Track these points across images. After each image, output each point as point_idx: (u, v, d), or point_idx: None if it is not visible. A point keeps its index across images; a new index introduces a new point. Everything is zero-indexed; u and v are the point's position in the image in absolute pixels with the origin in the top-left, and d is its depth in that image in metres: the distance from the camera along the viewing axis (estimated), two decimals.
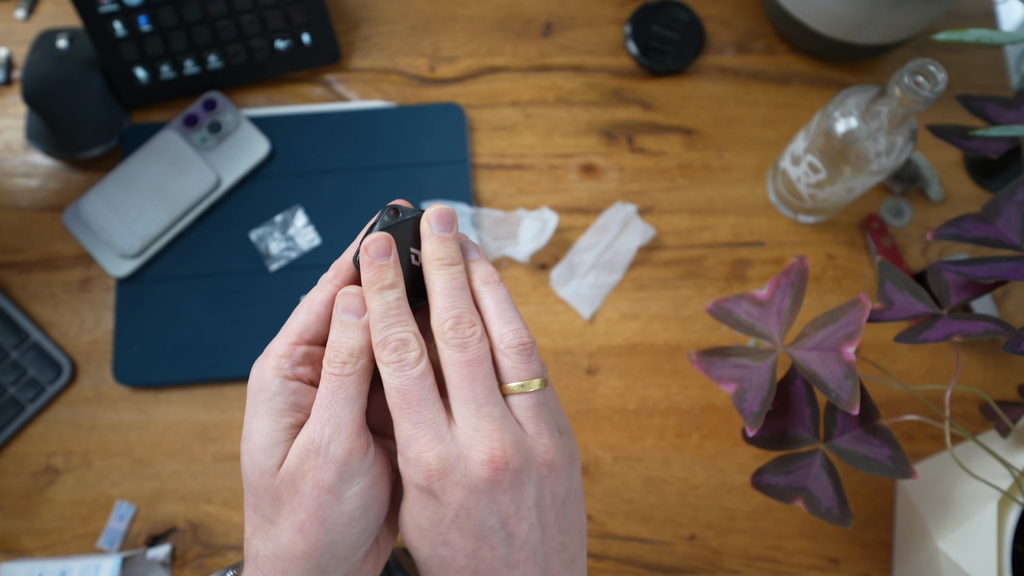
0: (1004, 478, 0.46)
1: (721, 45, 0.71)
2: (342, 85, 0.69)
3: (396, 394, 0.30)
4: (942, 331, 0.45)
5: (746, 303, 0.48)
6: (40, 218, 0.65)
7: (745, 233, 0.66)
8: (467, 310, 0.31)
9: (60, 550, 0.57)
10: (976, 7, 0.73)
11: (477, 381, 0.30)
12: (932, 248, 0.66)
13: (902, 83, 0.47)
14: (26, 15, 0.69)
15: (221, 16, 0.63)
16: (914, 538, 0.54)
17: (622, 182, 0.67)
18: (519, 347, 0.31)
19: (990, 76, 0.71)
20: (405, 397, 0.30)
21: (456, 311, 0.31)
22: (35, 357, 0.60)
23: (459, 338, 0.30)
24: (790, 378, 0.48)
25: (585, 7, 0.71)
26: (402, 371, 0.30)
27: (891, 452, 0.44)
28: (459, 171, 0.65)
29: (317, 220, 0.64)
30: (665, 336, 0.63)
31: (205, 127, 0.65)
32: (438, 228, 0.32)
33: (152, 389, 0.61)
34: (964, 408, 0.62)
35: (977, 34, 0.48)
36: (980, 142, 0.51)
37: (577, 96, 0.69)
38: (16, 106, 0.67)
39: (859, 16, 0.61)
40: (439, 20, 0.71)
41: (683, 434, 0.61)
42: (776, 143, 0.68)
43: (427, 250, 0.32)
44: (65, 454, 0.60)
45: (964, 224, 0.47)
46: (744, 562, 0.58)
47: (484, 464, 0.29)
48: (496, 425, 0.30)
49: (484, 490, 0.29)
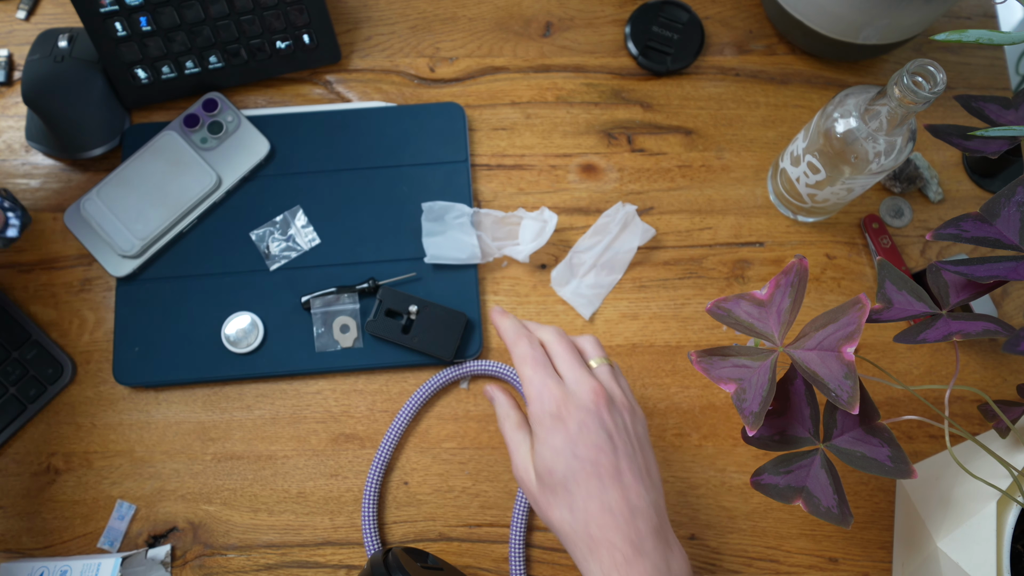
0: (1003, 478, 0.46)
1: (721, 45, 0.71)
2: (342, 85, 0.69)
3: (525, 361, 0.46)
4: (941, 331, 0.45)
5: (746, 303, 0.48)
6: (40, 218, 0.65)
7: (745, 233, 0.66)
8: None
9: (60, 550, 0.58)
10: (976, 7, 0.73)
11: (572, 353, 0.46)
12: (931, 248, 0.66)
13: (901, 83, 0.47)
14: (26, 15, 0.70)
15: (222, 16, 0.63)
16: (913, 538, 0.54)
17: (622, 182, 0.67)
18: (594, 340, 0.49)
19: (989, 76, 0.71)
20: (533, 362, 0.45)
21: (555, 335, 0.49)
22: (36, 357, 0.60)
23: (557, 334, 0.48)
24: (790, 378, 0.48)
25: (585, 7, 0.71)
26: (531, 347, 0.46)
27: (891, 452, 0.44)
28: (459, 171, 0.65)
29: (317, 220, 0.64)
30: (665, 336, 0.63)
31: (205, 127, 0.65)
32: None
33: (152, 389, 0.61)
34: (963, 408, 0.62)
35: (977, 35, 0.48)
36: (979, 142, 0.51)
37: (577, 96, 0.69)
38: (16, 106, 0.67)
39: (859, 16, 0.61)
40: (439, 20, 0.71)
41: (683, 434, 0.61)
42: (776, 143, 0.68)
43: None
44: (65, 454, 0.60)
45: (963, 224, 0.47)
46: (744, 562, 0.58)
47: (590, 392, 0.44)
48: (590, 374, 0.45)
49: (594, 411, 0.43)
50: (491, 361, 0.61)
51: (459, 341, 0.60)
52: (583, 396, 0.44)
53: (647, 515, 0.42)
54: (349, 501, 0.59)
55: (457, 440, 0.60)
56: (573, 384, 0.45)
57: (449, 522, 0.59)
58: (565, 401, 0.44)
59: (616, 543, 0.41)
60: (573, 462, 0.42)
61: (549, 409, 0.44)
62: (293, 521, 0.58)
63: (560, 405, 0.44)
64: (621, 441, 0.44)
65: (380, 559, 0.49)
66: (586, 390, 0.44)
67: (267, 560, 0.57)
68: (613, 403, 0.45)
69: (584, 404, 0.44)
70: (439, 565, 0.53)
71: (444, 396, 0.61)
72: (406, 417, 0.60)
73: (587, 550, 0.42)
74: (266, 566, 0.57)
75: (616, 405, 0.45)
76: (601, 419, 0.43)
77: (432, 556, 0.54)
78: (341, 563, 0.58)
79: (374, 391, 0.61)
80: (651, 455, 0.45)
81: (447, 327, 0.60)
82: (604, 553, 0.41)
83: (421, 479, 0.59)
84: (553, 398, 0.44)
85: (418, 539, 0.58)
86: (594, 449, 0.43)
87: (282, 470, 0.59)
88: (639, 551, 0.41)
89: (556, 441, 0.43)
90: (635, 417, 0.46)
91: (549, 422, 0.43)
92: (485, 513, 0.59)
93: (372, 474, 0.58)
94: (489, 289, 0.63)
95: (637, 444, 0.44)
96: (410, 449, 0.60)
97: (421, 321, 0.60)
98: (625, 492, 0.42)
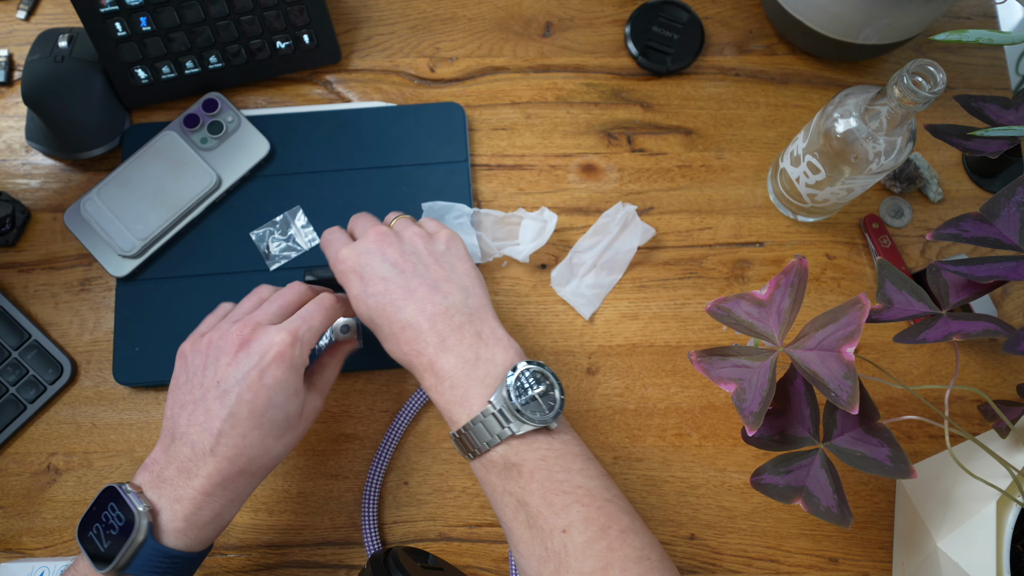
0: (1003, 478, 0.46)
1: (721, 45, 0.71)
2: (342, 85, 0.69)
3: (326, 241, 0.53)
4: (941, 331, 0.45)
5: (746, 303, 0.48)
6: (40, 218, 0.65)
7: (745, 233, 0.66)
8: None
9: (61, 550, 0.58)
10: (976, 7, 0.73)
11: (365, 218, 0.54)
12: (931, 248, 0.66)
13: (901, 83, 0.47)
14: (26, 15, 0.70)
15: (221, 16, 0.63)
16: (913, 538, 0.54)
17: (622, 182, 0.67)
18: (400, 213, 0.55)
19: (989, 76, 0.71)
20: (329, 237, 0.53)
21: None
22: (36, 357, 0.60)
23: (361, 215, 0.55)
24: (790, 378, 0.49)
25: (585, 7, 0.71)
26: (333, 231, 0.54)
27: (890, 452, 0.44)
28: (459, 171, 0.65)
29: (317, 220, 0.64)
30: (665, 336, 0.63)
31: (205, 127, 0.65)
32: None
33: (152, 389, 0.61)
34: (963, 408, 0.62)
35: (977, 35, 0.48)
36: (979, 142, 0.51)
37: (577, 96, 0.69)
38: (16, 106, 0.67)
39: (859, 16, 0.61)
40: (439, 20, 0.71)
41: (683, 434, 0.61)
42: (776, 143, 0.68)
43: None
44: (66, 454, 0.60)
45: (963, 224, 0.47)
46: (744, 562, 0.58)
47: (372, 238, 0.50)
48: (374, 226, 0.52)
49: (375, 250, 0.49)
50: None
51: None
52: (366, 243, 0.50)
53: (447, 317, 0.47)
54: (349, 501, 0.59)
55: None
56: (361, 239, 0.51)
57: (449, 522, 0.59)
58: (352, 254, 0.50)
59: (426, 346, 0.47)
60: (370, 300, 0.48)
61: (342, 268, 0.50)
62: (293, 521, 0.58)
63: (348, 259, 0.50)
64: (409, 264, 0.49)
65: (380, 559, 0.49)
66: (369, 238, 0.50)
67: (267, 560, 0.57)
68: (399, 237, 0.50)
69: (367, 249, 0.49)
70: (439, 565, 0.53)
71: None
72: (406, 417, 0.60)
73: (410, 366, 0.48)
74: (266, 566, 0.57)
75: (404, 237, 0.50)
76: (384, 254, 0.49)
77: (432, 556, 0.54)
78: (341, 563, 0.58)
79: (374, 391, 0.61)
80: (456, 265, 0.50)
81: None
82: (415, 359, 0.47)
83: (421, 479, 0.59)
84: (342, 258, 0.50)
85: (418, 539, 0.58)
86: (382, 282, 0.48)
87: (282, 470, 0.59)
88: (442, 348, 0.46)
89: (354, 290, 0.49)
90: (433, 240, 0.51)
91: (345, 278, 0.50)
92: (485, 513, 0.59)
93: (372, 474, 0.58)
94: (489, 289, 0.63)
95: (432, 260, 0.49)
96: (410, 449, 0.60)
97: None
98: (420, 304, 0.47)
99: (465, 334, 0.47)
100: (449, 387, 0.46)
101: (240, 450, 0.45)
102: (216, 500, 0.45)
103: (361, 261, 0.49)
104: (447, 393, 0.46)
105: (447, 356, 0.46)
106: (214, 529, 0.46)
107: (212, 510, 0.45)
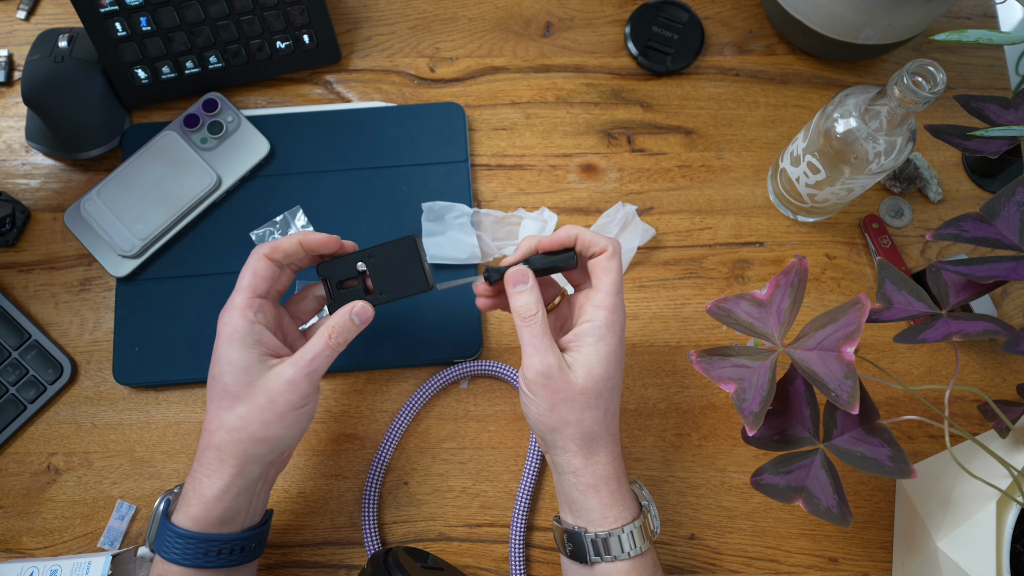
0: (1003, 478, 0.46)
1: (721, 45, 0.71)
2: (342, 85, 0.69)
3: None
4: (941, 331, 0.45)
5: (746, 303, 0.48)
6: (40, 218, 0.65)
7: (745, 233, 0.66)
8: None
9: (61, 550, 0.58)
10: (976, 7, 0.73)
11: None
12: (931, 248, 0.66)
13: (901, 83, 0.47)
14: (26, 15, 0.70)
15: (221, 16, 0.63)
16: (913, 538, 0.54)
17: (622, 182, 0.67)
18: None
19: (989, 76, 0.71)
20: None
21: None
22: (36, 357, 0.60)
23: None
24: (790, 378, 0.49)
25: (585, 7, 0.71)
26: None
27: (890, 452, 0.44)
28: (459, 171, 0.65)
29: (317, 220, 0.64)
30: (665, 336, 0.63)
31: (205, 127, 0.65)
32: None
33: (152, 389, 0.61)
34: (963, 408, 0.62)
35: (977, 35, 0.48)
36: (979, 142, 0.51)
37: (577, 96, 0.69)
38: (16, 106, 0.67)
39: (859, 16, 0.61)
40: (439, 20, 0.71)
41: (683, 434, 0.61)
42: (776, 143, 0.68)
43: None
44: (66, 454, 0.60)
45: (963, 224, 0.47)
46: (744, 562, 0.58)
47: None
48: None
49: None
50: (491, 361, 0.61)
51: (423, 264, 0.52)
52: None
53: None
54: (349, 501, 0.59)
55: (457, 440, 0.60)
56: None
57: (449, 522, 0.59)
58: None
59: (611, 435, 0.49)
60: (617, 370, 0.48)
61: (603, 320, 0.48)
62: (293, 521, 0.58)
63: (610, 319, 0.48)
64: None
65: (380, 559, 0.49)
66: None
67: (267, 560, 0.57)
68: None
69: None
70: (439, 565, 0.53)
71: (444, 396, 0.61)
72: (406, 417, 0.60)
73: (597, 444, 0.48)
74: (266, 566, 0.57)
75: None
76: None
77: (432, 556, 0.54)
78: (341, 563, 0.58)
79: (374, 391, 0.61)
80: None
81: (403, 259, 0.52)
82: (606, 443, 0.48)
83: (421, 479, 0.59)
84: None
85: (418, 539, 0.58)
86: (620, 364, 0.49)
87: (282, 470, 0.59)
88: (616, 439, 0.49)
89: (607, 349, 0.47)
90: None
91: (602, 331, 0.47)
92: (485, 513, 0.59)
93: (372, 474, 0.58)
94: None
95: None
96: (410, 449, 0.60)
97: (377, 272, 0.53)
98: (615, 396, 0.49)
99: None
100: (614, 483, 0.48)
101: (206, 423, 0.47)
102: (213, 481, 0.46)
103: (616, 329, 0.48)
104: (603, 486, 0.47)
105: (614, 444, 0.49)
106: (221, 512, 0.46)
107: (212, 491, 0.46)
